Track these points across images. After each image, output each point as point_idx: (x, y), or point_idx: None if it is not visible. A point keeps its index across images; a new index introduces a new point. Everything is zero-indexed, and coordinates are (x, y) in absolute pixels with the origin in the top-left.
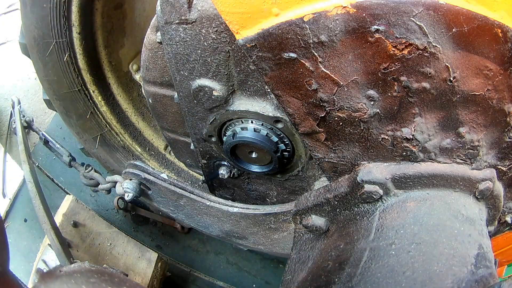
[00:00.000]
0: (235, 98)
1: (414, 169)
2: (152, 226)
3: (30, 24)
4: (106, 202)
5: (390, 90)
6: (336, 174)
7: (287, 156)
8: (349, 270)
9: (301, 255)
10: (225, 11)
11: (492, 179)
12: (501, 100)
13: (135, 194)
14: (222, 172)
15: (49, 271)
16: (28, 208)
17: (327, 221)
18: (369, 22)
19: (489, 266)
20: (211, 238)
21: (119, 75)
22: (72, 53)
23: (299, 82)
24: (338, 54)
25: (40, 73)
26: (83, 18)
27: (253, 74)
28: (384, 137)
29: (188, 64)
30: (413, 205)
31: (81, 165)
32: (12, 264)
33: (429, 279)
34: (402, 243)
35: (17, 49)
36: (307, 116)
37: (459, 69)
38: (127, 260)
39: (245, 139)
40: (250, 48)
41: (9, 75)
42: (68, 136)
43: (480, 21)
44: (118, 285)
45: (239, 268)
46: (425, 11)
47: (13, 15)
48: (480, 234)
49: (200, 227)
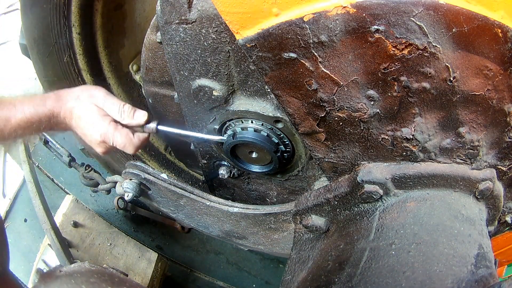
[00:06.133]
0: (235, 98)
1: (414, 169)
2: (152, 226)
3: (30, 25)
4: (106, 202)
5: (390, 90)
6: (336, 174)
7: (287, 156)
8: (349, 270)
9: (301, 255)
10: (225, 11)
11: (492, 179)
12: (501, 100)
13: (135, 194)
14: (222, 172)
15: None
16: (28, 208)
17: (327, 221)
18: (369, 22)
19: (489, 266)
20: (211, 238)
21: (119, 75)
22: (72, 53)
23: (299, 82)
24: (338, 54)
25: (40, 73)
26: (83, 18)
27: (253, 74)
28: (384, 137)
29: (188, 64)
30: (413, 205)
31: (81, 165)
32: (12, 264)
33: (429, 279)
34: (402, 243)
35: (17, 49)
36: (307, 116)
37: (459, 69)
38: (127, 260)
39: (245, 139)
40: (250, 48)
41: (9, 75)
42: (68, 136)
43: (480, 21)
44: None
45: (239, 268)
46: (425, 11)
47: (13, 15)
48: (480, 234)
49: (200, 227)
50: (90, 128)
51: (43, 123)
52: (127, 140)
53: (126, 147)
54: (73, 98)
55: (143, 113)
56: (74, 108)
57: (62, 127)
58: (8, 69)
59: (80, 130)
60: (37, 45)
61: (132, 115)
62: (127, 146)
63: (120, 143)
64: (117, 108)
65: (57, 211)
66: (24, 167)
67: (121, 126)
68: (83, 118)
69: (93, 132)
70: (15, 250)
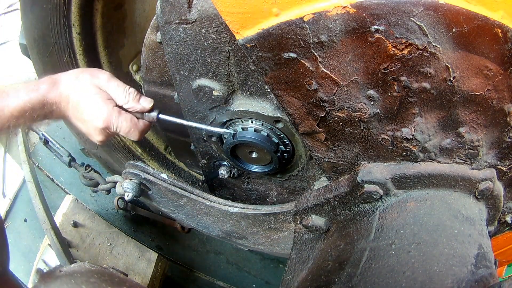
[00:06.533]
0: (235, 98)
1: (414, 169)
2: (152, 226)
3: (30, 25)
4: (106, 202)
5: (390, 90)
6: (336, 174)
7: (287, 156)
8: (349, 270)
9: (301, 255)
10: (225, 11)
11: (492, 179)
12: (501, 100)
13: (135, 194)
14: (222, 172)
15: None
16: (28, 208)
17: (327, 221)
18: (369, 22)
19: (489, 266)
20: (211, 238)
21: (119, 75)
22: (72, 53)
23: (299, 82)
24: (338, 54)
25: (40, 73)
26: (83, 18)
27: (253, 74)
28: (384, 137)
29: (188, 64)
30: (413, 205)
31: (81, 165)
32: (12, 264)
33: (429, 279)
34: (402, 243)
35: (17, 49)
36: (307, 116)
37: (459, 69)
38: (127, 260)
39: (245, 139)
40: (250, 48)
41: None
42: (68, 136)
43: (480, 21)
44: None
45: (239, 268)
46: (425, 11)
47: (13, 15)
48: (480, 234)
49: (200, 227)
50: (91, 113)
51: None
52: (133, 125)
53: (130, 133)
54: (71, 80)
55: (149, 99)
56: (71, 93)
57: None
58: (8, 69)
59: (78, 116)
60: (37, 45)
61: (138, 99)
62: (132, 132)
63: (125, 128)
64: (123, 91)
65: (57, 211)
66: (24, 167)
67: (124, 111)
68: (83, 102)
69: (95, 118)
70: (15, 250)
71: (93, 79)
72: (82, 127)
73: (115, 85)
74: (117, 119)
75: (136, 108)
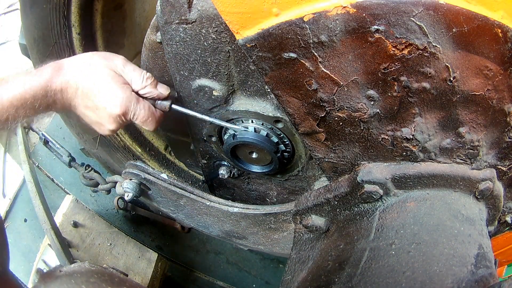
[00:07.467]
0: (235, 98)
1: (414, 169)
2: (152, 226)
3: (30, 25)
4: (106, 202)
5: (390, 90)
6: (336, 174)
7: (287, 156)
8: (349, 270)
9: (301, 255)
10: (225, 11)
11: (492, 179)
12: (501, 100)
13: (135, 194)
14: (222, 172)
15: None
16: (28, 208)
17: (327, 221)
18: (369, 22)
19: (489, 266)
20: (211, 238)
21: None
22: (72, 53)
23: (299, 82)
24: (338, 54)
25: None
26: (83, 18)
27: (253, 74)
28: (384, 137)
29: (188, 64)
30: (413, 205)
31: (81, 165)
32: (12, 264)
33: (429, 279)
34: (402, 243)
35: (17, 49)
36: (307, 116)
37: (459, 69)
38: (127, 260)
39: (245, 140)
40: (250, 48)
41: None
42: (68, 136)
43: (480, 21)
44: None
45: (239, 268)
46: (425, 11)
47: (13, 15)
48: (480, 234)
49: (200, 227)
50: (106, 99)
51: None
52: (150, 114)
53: (148, 122)
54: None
55: (166, 86)
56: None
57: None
58: (8, 69)
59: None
60: (37, 45)
61: (155, 85)
62: (149, 121)
63: (143, 116)
64: (140, 75)
65: (57, 211)
66: (24, 167)
67: (142, 99)
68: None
69: (112, 104)
70: (15, 250)
71: (108, 62)
72: (92, 116)
73: (131, 69)
74: (136, 106)
75: (153, 94)
